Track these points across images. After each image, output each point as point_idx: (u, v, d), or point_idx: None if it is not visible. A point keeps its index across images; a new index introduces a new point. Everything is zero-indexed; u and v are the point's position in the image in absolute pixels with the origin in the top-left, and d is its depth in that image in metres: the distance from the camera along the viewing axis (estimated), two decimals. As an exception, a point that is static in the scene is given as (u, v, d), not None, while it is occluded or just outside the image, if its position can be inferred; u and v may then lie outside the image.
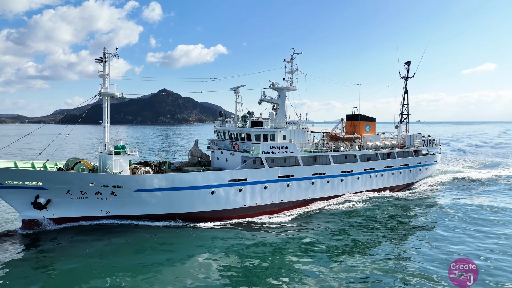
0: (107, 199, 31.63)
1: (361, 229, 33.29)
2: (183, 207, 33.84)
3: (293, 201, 40.48)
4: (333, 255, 26.98)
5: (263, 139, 39.64)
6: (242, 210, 36.81)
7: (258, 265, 24.83)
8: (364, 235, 31.70)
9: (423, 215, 38.30)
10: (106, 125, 33.97)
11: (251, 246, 28.51)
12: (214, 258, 25.85)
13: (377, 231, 32.72)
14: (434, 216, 37.62)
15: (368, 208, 40.52)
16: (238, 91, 43.47)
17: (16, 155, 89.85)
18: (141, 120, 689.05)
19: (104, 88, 33.45)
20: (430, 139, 57.68)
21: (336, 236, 31.46)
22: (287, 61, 46.69)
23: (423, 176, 57.66)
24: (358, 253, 27.39)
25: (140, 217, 33.02)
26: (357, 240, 30.46)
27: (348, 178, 45.51)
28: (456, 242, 29.59)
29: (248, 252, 27.29)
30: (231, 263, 25.12)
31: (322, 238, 30.79)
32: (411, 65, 60.91)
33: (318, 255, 26.92)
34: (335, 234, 32.00)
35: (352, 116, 53.10)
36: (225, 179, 35.45)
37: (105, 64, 33.50)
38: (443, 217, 37.23)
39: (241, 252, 27.29)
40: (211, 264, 24.90)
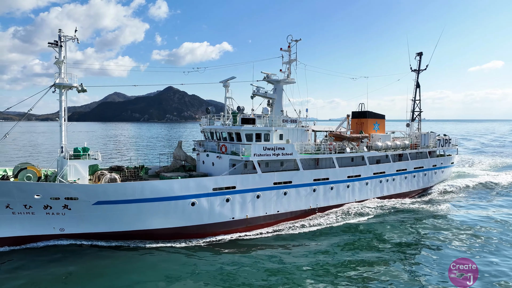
0: (59, 214, 25.66)
1: (367, 251, 27.12)
2: (155, 223, 27.85)
3: (291, 212, 34.42)
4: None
5: (256, 139, 33.63)
6: (230, 224, 30.79)
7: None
8: (369, 260, 25.51)
9: (443, 234, 31.19)
10: (63, 123, 28.00)
11: (232, 273, 22.52)
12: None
13: (387, 255, 26.49)
14: (456, 235, 30.88)
15: (376, 222, 34.27)
16: (228, 84, 37.38)
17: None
18: (148, 118, 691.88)
19: (60, 78, 27.48)
20: (446, 139, 51.44)
21: (340, 260, 25.37)
22: (284, 49, 40.67)
23: (438, 180, 51.35)
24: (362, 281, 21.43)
25: (103, 235, 27.06)
26: (363, 265, 24.35)
27: (355, 183, 39.37)
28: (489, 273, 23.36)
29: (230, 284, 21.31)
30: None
31: (324, 259, 24.73)
32: (423, 56, 54.70)
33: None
34: (336, 256, 25.93)
35: (358, 113, 46.95)
36: (208, 187, 29.43)
37: (61, 49, 27.57)
38: (467, 237, 30.33)
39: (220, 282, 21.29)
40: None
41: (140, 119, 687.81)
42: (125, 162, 37.26)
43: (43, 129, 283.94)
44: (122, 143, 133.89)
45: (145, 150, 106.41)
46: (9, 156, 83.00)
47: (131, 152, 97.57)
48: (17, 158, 78.48)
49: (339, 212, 36.87)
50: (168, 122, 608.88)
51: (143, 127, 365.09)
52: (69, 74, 27.91)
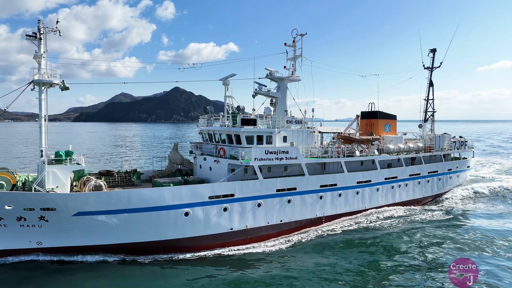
0: (35, 226, 22.93)
1: (380, 266, 24.14)
2: (144, 235, 25.05)
3: (295, 221, 31.45)
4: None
5: (257, 142, 30.74)
6: (228, 235, 27.90)
7: None
8: (384, 276, 22.54)
9: (463, 248, 28.28)
10: (43, 123, 25.26)
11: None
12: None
13: (400, 273, 23.49)
14: (475, 249, 27.93)
15: (387, 233, 31.26)
16: (228, 82, 34.37)
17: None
18: (155, 118, 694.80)
19: (39, 75, 24.74)
20: (462, 141, 48.07)
21: (351, 276, 22.39)
22: (288, 45, 37.68)
23: (453, 185, 48.02)
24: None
25: (86, 248, 24.32)
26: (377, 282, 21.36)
27: (366, 189, 36.30)
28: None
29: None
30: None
31: (333, 275, 21.77)
32: (436, 53, 51.34)
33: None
34: (348, 272, 22.95)
35: (368, 113, 43.78)
36: (204, 195, 26.55)
37: (41, 42, 24.83)
38: (486, 252, 27.50)
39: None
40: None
41: (148, 119, 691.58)
42: (123, 164, 34.48)
43: (53, 129, 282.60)
44: (123, 144, 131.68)
45: (146, 151, 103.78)
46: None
47: (129, 153, 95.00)
48: (5, 161, 75.92)
49: (348, 221, 33.92)
50: (175, 123, 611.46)
51: (148, 127, 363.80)
52: (50, 70, 25.17)
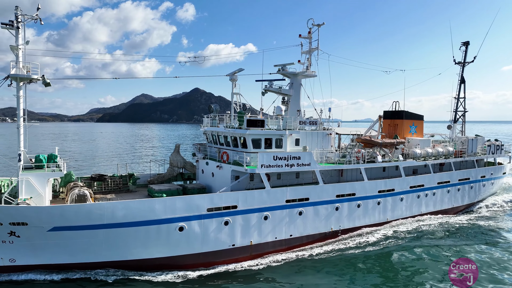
0: (6, 242, 20.11)
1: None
2: (132, 252, 21.94)
3: (307, 236, 27.82)
4: None
5: (265, 146, 27.17)
6: (230, 252, 24.52)
7: None
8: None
9: (503, 270, 24.35)
10: (21, 123, 22.34)
11: None
12: None
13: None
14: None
15: (413, 251, 27.21)
16: (236, 77, 30.88)
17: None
18: (176, 119, 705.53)
19: (16, 69, 21.81)
20: (497, 144, 43.09)
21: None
22: (303, 36, 33.77)
23: (487, 194, 43.18)
24: None
25: (66, 266, 21.41)
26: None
27: (388, 199, 32.23)
28: None
29: None
30: None
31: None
32: (469, 46, 46.33)
33: None
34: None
35: (392, 113, 39.36)
36: (201, 207, 23.20)
37: (18, 31, 21.86)
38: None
39: None
40: None
41: (169, 120, 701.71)
42: (119, 168, 31.54)
43: (74, 129, 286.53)
44: (136, 144, 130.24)
45: (162, 150, 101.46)
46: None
47: (138, 153, 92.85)
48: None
49: (366, 235, 29.98)
50: (196, 123, 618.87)
51: (168, 127, 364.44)
52: (29, 63, 22.17)
